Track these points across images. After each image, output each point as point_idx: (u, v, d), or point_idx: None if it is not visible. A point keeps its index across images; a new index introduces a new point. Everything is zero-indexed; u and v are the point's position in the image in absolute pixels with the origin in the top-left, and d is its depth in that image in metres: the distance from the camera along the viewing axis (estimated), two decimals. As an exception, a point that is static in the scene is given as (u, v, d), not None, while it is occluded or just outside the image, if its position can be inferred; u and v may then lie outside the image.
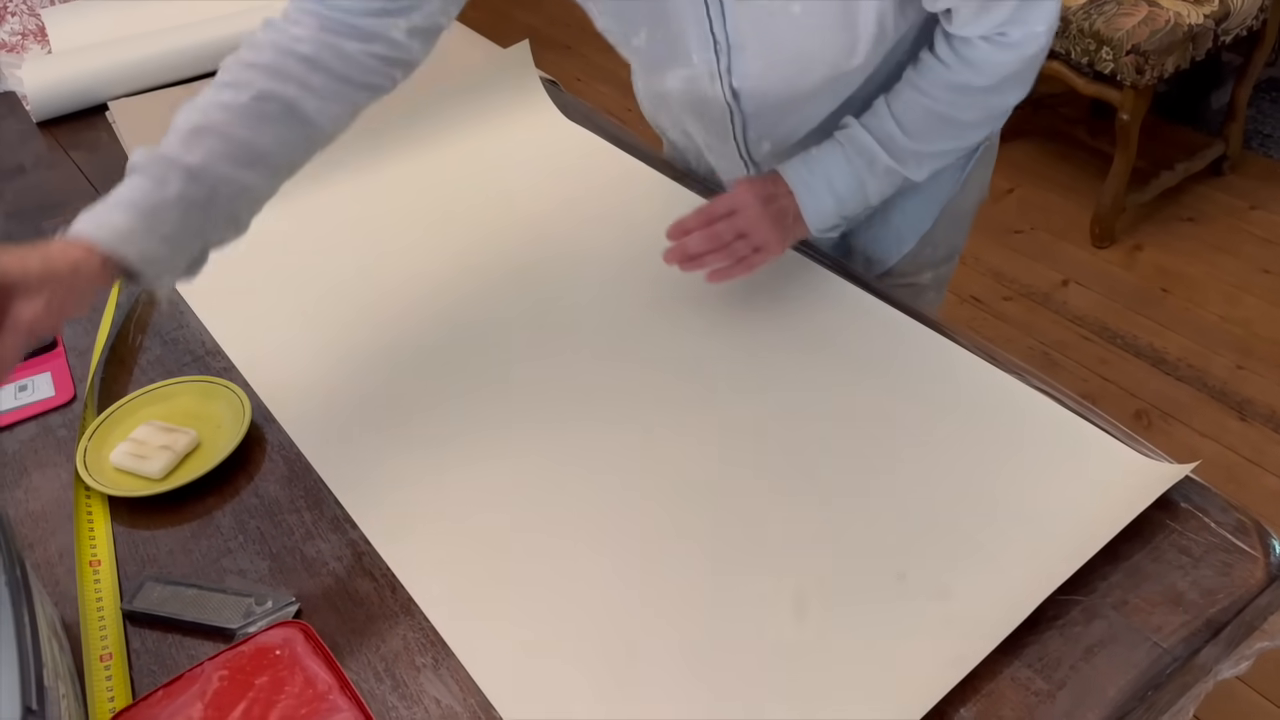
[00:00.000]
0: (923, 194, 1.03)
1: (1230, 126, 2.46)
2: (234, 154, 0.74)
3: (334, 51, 0.78)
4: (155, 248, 0.70)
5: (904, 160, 0.88)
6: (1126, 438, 0.77)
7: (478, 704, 0.65)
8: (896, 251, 1.06)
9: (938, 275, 1.10)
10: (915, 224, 1.04)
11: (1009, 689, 0.63)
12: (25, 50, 1.49)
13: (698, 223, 0.87)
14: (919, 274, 1.08)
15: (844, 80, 0.87)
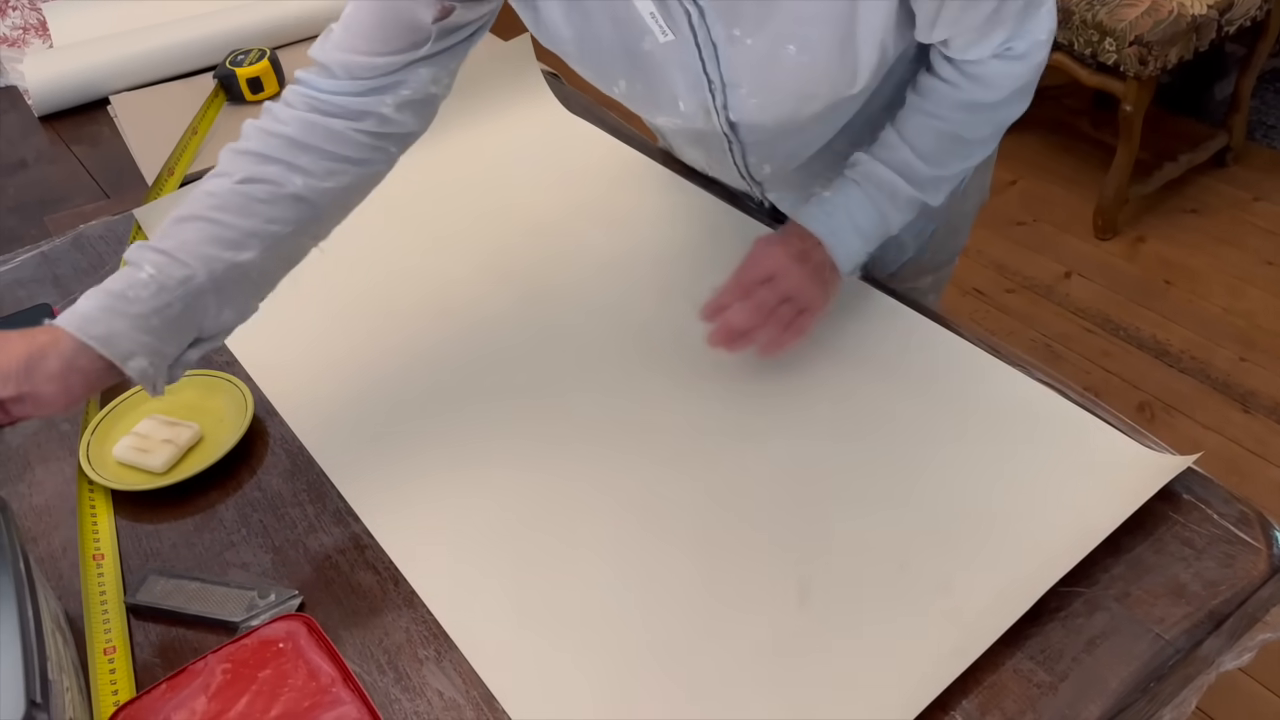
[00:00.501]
0: None
1: (1233, 118, 2.45)
2: (216, 235, 0.72)
3: (321, 130, 0.77)
4: (124, 329, 0.68)
5: (924, 187, 0.85)
6: (1129, 430, 0.77)
7: (480, 696, 0.65)
8: (897, 260, 1.05)
9: (937, 278, 1.10)
10: (916, 231, 1.04)
11: (1011, 681, 0.63)
12: (27, 45, 1.49)
13: (736, 295, 0.83)
14: (918, 279, 1.08)
15: (845, 106, 0.86)
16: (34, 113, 1.36)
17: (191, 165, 1.19)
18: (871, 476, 0.76)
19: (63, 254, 1.08)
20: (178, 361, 0.73)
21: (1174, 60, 2.11)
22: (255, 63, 1.30)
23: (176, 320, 0.70)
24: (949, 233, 1.06)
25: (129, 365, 0.68)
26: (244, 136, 0.78)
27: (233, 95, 1.32)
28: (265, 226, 0.74)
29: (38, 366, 0.66)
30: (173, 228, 0.73)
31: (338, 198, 0.79)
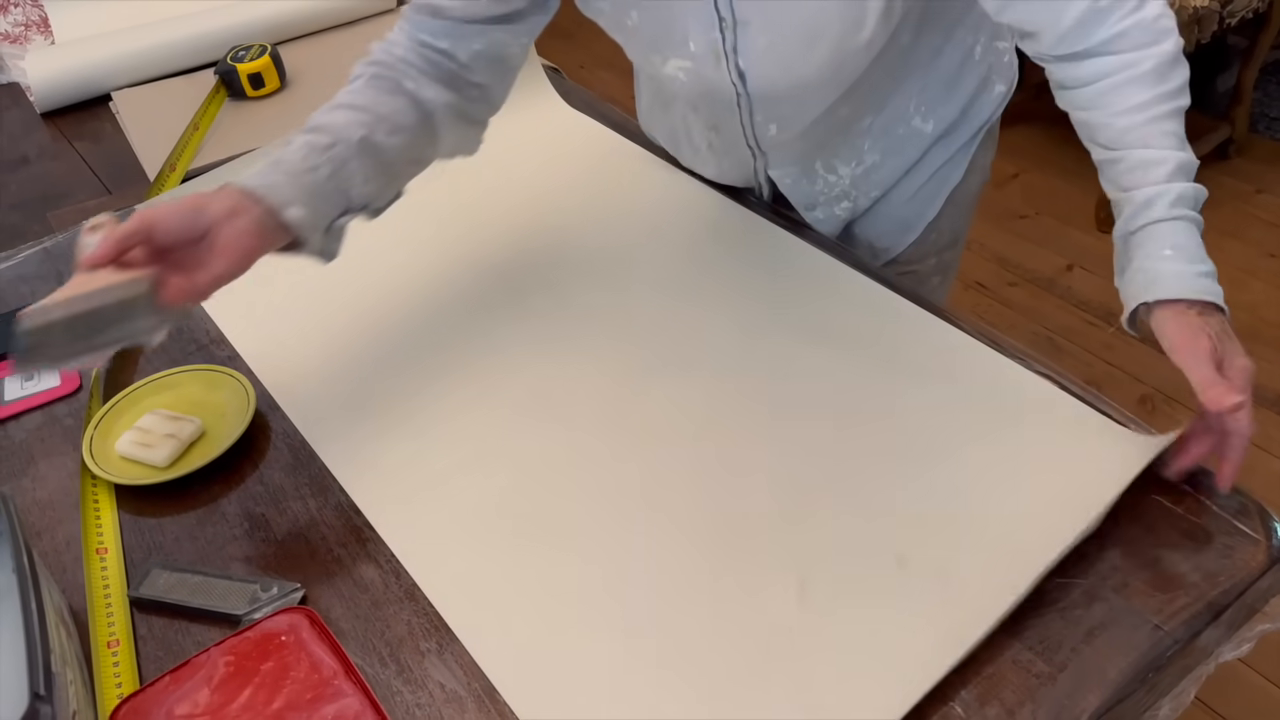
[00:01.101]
0: (929, 182, 1.03)
1: (1236, 110, 2.45)
2: (353, 118, 0.82)
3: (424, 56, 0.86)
4: (281, 180, 0.76)
5: (1191, 173, 0.77)
6: (1129, 422, 0.77)
7: (481, 688, 0.65)
8: (903, 240, 1.06)
9: (941, 261, 1.10)
10: (921, 212, 1.04)
11: (1010, 671, 0.63)
12: (28, 41, 1.49)
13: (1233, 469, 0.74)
14: (923, 261, 1.08)
15: (849, 62, 0.87)
16: (36, 109, 1.36)
17: (193, 161, 1.20)
18: (871, 469, 0.76)
19: (65, 250, 1.08)
20: (331, 228, 0.80)
21: (1176, 52, 2.11)
22: (256, 58, 1.31)
23: (325, 183, 0.78)
24: (953, 214, 1.06)
25: (288, 213, 0.75)
26: (368, 54, 0.88)
27: (234, 91, 1.32)
28: (393, 116, 0.83)
29: (202, 212, 0.72)
30: (316, 115, 0.83)
31: (444, 120, 0.86)
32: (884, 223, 1.06)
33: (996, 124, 1.05)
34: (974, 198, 1.08)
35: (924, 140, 1.00)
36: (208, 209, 0.72)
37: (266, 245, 0.76)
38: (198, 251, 0.72)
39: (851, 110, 0.93)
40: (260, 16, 1.43)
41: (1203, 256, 0.73)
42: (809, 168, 1.00)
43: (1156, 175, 0.75)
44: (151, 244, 0.70)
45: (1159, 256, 0.73)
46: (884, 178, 1.02)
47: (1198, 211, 0.75)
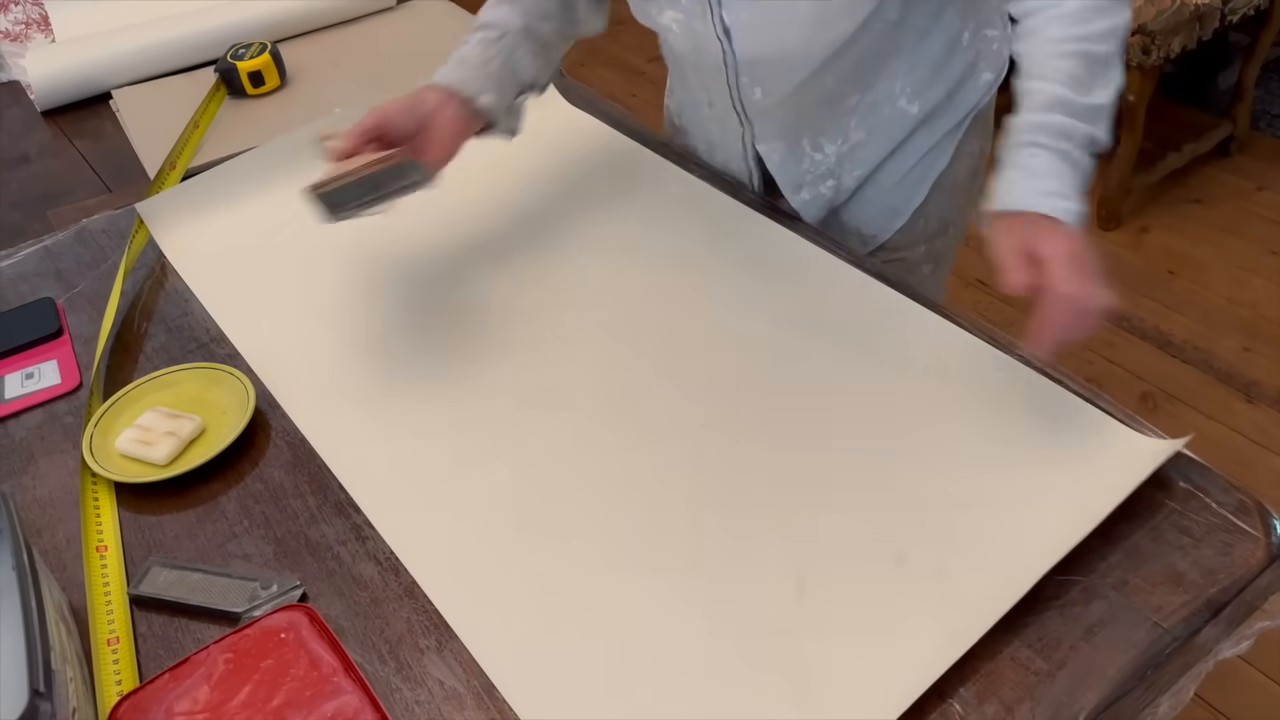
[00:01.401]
0: (915, 167, 1.04)
1: (1238, 107, 2.45)
2: (511, 9, 0.97)
3: None
4: (469, 75, 0.93)
5: (1093, 119, 0.79)
6: (1128, 420, 0.77)
7: (480, 686, 0.65)
8: (889, 226, 1.07)
9: (932, 249, 1.10)
10: (908, 198, 1.05)
11: (1009, 669, 0.63)
12: (29, 39, 1.49)
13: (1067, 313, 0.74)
14: (912, 248, 1.09)
15: (832, 24, 0.88)
16: (36, 107, 1.36)
17: (194, 159, 1.20)
18: (869, 465, 0.76)
19: (65, 248, 1.09)
20: (513, 107, 0.98)
21: (1177, 50, 2.11)
22: (256, 56, 1.31)
23: (502, 70, 0.95)
24: (940, 200, 1.06)
25: (480, 100, 0.92)
26: None
27: (234, 89, 1.32)
28: (541, 4, 0.98)
29: (419, 106, 0.90)
30: (482, 13, 0.99)
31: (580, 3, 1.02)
32: (870, 208, 1.06)
33: (988, 113, 1.06)
34: (964, 186, 1.08)
35: (909, 122, 1.01)
36: (424, 102, 0.90)
37: (469, 130, 0.93)
38: (416, 143, 0.89)
39: (837, 84, 0.95)
40: (260, 14, 1.43)
41: (1050, 176, 0.77)
42: (795, 144, 1.02)
43: (1032, 103, 0.79)
44: (384, 139, 0.87)
45: (1005, 179, 0.78)
46: (869, 156, 1.03)
47: (1077, 149, 0.78)
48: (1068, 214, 0.77)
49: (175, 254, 1.06)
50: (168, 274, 1.04)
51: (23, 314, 0.99)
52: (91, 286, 1.02)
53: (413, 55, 1.38)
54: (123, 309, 0.98)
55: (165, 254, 1.06)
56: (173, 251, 1.06)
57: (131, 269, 1.03)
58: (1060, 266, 0.74)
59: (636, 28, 1.01)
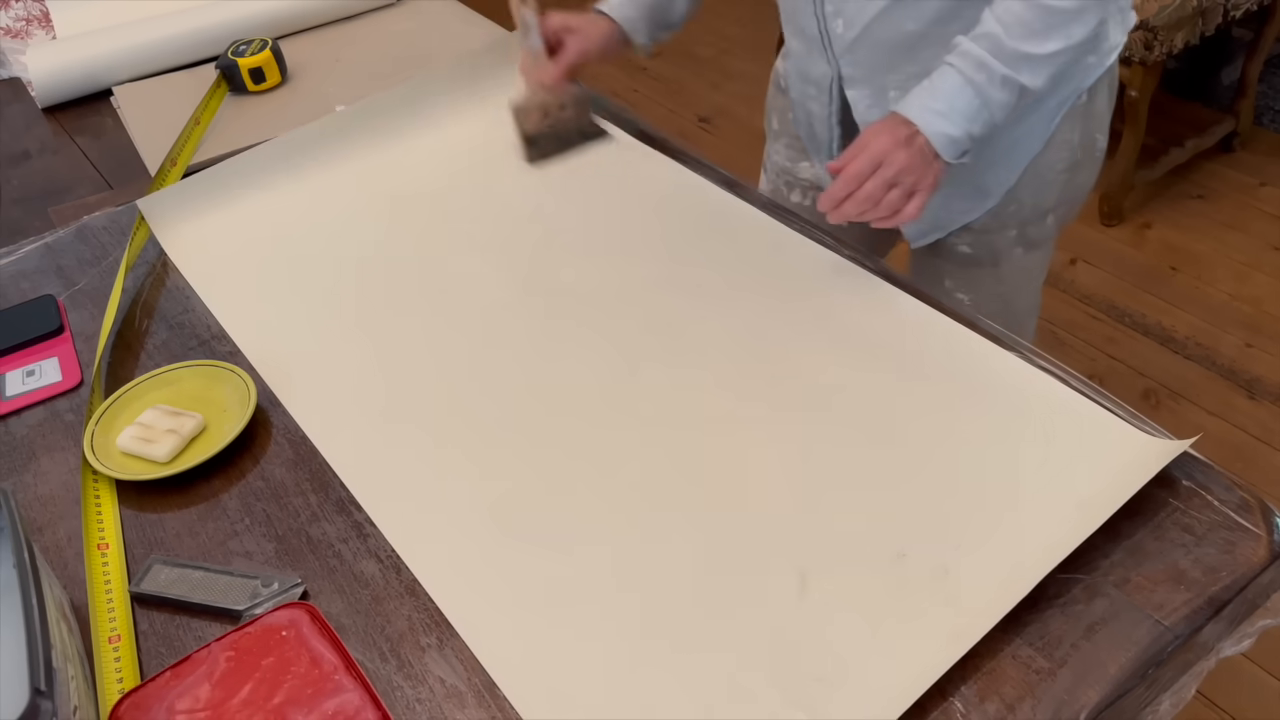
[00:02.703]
0: (1009, 149, 1.03)
1: (1240, 103, 2.44)
2: None
3: None
4: (630, 14, 1.11)
5: (1016, 65, 0.86)
6: (1130, 417, 0.77)
7: (481, 683, 0.65)
8: (980, 206, 1.07)
9: (1024, 235, 1.09)
10: (1001, 179, 1.05)
11: (1010, 667, 0.63)
12: (30, 36, 1.49)
13: (847, 188, 0.88)
14: (1002, 231, 1.09)
15: None
16: (37, 104, 1.36)
17: (194, 156, 1.19)
18: (871, 463, 0.76)
19: (66, 245, 1.08)
20: (649, 45, 1.14)
21: (1180, 45, 2.10)
22: (257, 53, 1.30)
23: (655, 11, 1.11)
24: (1035, 186, 1.06)
25: (636, 39, 1.12)
26: None
27: (235, 86, 1.32)
28: None
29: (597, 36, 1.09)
30: None
31: None
32: (964, 189, 1.05)
33: (1092, 106, 1.04)
34: (1063, 175, 1.06)
35: None
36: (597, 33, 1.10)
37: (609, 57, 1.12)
38: None
39: (918, 24, 0.95)
40: (261, 11, 1.43)
41: (947, 96, 0.88)
42: (881, 91, 1.02)
43: (974, 31, 0.88)
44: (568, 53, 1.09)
45: (915, 88, 0.90)
46: None
47: (992, 85, 0.87)
48: (937, 133, 0.87)
49: (176, 251, 1.05)
50: (169, 271, 1.04)
51: (24, 311, 0.99)
52: (92, 284, 1.02)
53: (414, 52, 1.38)
54: (124, 306, 0.98)
55: (166, 251, 1.06)
56: (174, 249, 1.06)
57: (132, 266, 1.03)
58: (866, 157, 0.87)
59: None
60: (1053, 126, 1.03)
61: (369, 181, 1.14)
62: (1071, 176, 1.08)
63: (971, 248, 1.10)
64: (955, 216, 1.08)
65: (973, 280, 1.12)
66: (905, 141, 0.87)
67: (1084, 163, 1.08)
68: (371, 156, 1.17)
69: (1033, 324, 1.21)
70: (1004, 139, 1.00)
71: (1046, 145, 1.03)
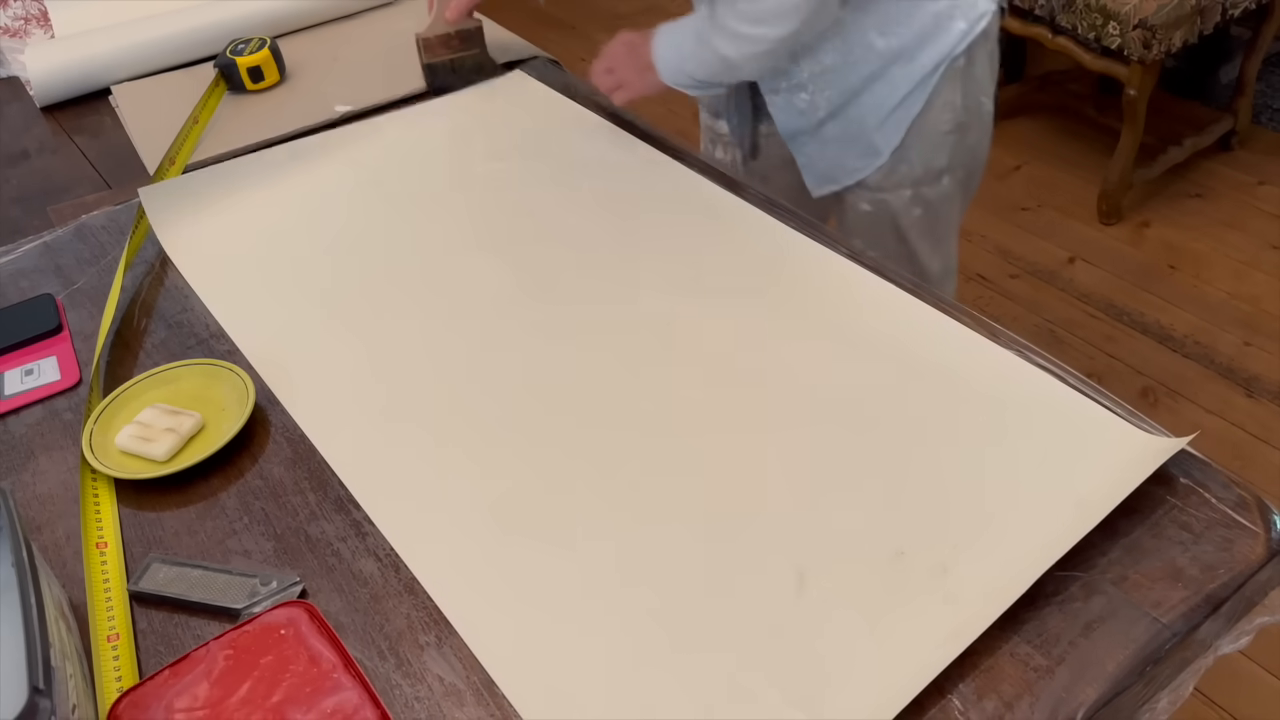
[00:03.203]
0: (894, 109, 1.13)
1: (1239, 101, 2.44)
2: None
3: None
4: None
5: (724, 37, 1.05)
6: (1127, 415, 0.77)
7: (480, 681, 0.65)
8: (871, 163, 1.17)
9: (920, 195, 1.18)
10: (888, 138, 1.14)
11: (1008, 665, 0.63)
12: (28, 35, 1.49)
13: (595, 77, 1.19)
14: (897, 190, 1.18)
15: None
16: (36, 103, 1.36)
17: (193, 154, 1.20)
18: (868, 461, 0.76)
19: (65, 244, 1.08)
20: None
21: (1178, 44, 2.10)
22: (256, 51, 1.30)
23: None
24: (922, 146, 1.15)
25: None
26: None
27: (233, 84, 1.32)
28: None
29: None
30: None
31: None
32: (852, 144, 1.16)
33: (971, 69, 1.13)
34: (948, 137, 1.15)
35: (879, 57, 1.10)
36: None
37: None
38: None
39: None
40: (259, 10, 1.43)
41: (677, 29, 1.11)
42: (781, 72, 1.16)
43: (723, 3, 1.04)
44: None
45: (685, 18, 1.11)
46: (839, 82, 1.12)
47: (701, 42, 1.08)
48: (659, 55, 1.11)
49: (175, 250, 1.05)
50: (167, 270, 1.04)
51: (22, 310, 0.99)
52: (91, 283, 1.02)
53: (412, 51, 1.37)
54: (123, 305, 0.98)
55: (165, 250, 1.06)
56: (173, 248, 1.06)
57: (131, 265, 1.03)
58: (605, 50, 1.17)
59: (631, 21, 1.01)
60: (930, 87, 1.11)
61: (367, 181, 1.14)
62: (961, 138, 1.16)
63: (871, 205, 1.20)
64: (848, 172, 1.19)
65: (878, 240, 1.22)
66: (633, 45, 1.15)
67: (971, 125, 1.16)
68: (371, 156, 1.17)
69: (951, 286, 1.31)
70: (891, 98, 1.12)
71: (928, 106, 1.12)
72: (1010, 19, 2.35)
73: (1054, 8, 2.21)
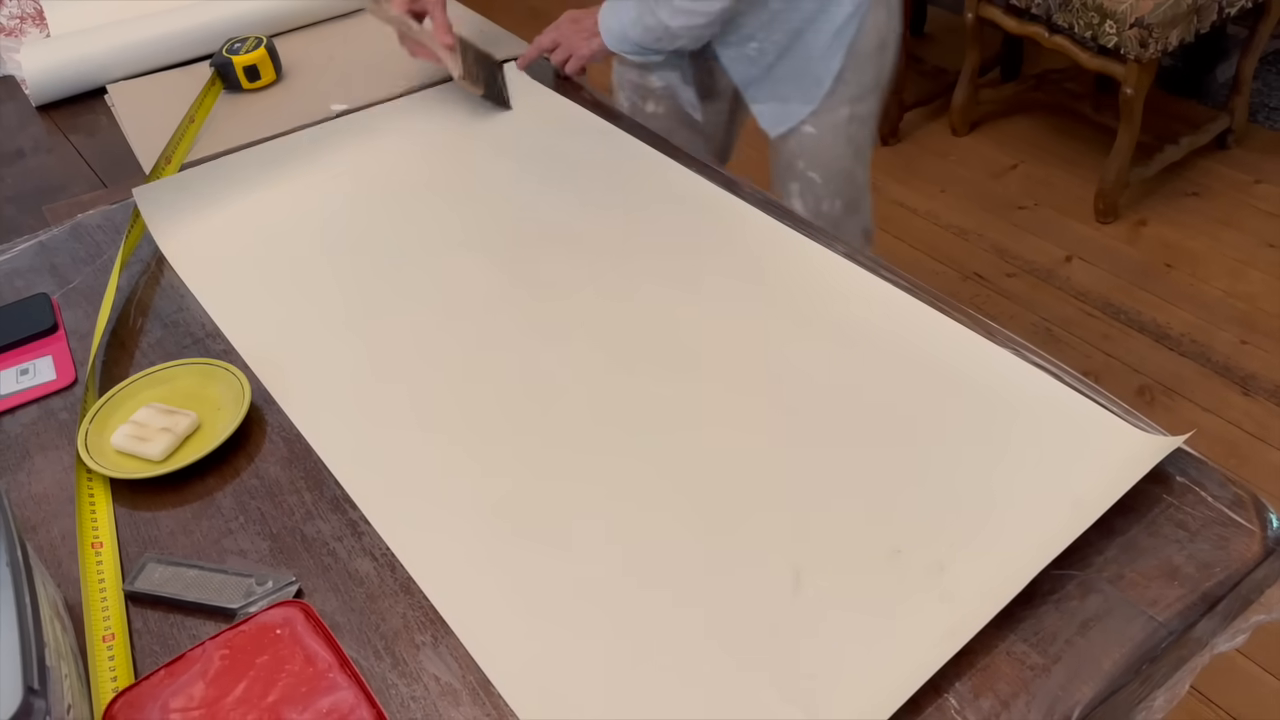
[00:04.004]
0: (832, 40, 1.25)
1: (1235, 100, 2.44)
2: None
3: None
4: None
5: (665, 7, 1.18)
6: (1123, 413, 0.77)
7: (476, 681, 0.65)
8: (818, 93, 1.28)
9: (855, 112, 1.31)
10: (830, 66, 1.26)
11: (1004, 663, 0.63)
12: (24, 34, 1.49)
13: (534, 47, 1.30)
14: (837, 109, 1.30)
15: None
16: (31, 102, 1.35)
17: (189, 154, 1.19)
18: (865, 460, 0.76)
19: (61, 243, 1.08)
20: None
21: (1175, 42, 2.11)
22: (252, 50, 1.30)
23: None
24: (856, 67, 1.28)
25: None
26: None
27: (229, 83, 1.31)
28: None
29: None
30: None
31: None
32: (802, 78, 1.28)
33: None
34: (874, 55, 1.28)
35: None
36: None
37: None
38: None
39: None
40: (256, 9, 1.42)
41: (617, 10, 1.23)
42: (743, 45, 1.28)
43: None
44: None
45: None
46: (784, 25, 1.24)
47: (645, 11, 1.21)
48: (603, 24, 1.24)
49: (171, 249, 1.05)
50: (163, 270, 1.03)
51: (18, 310, 0.98)
52: (87, 282, 1.02)
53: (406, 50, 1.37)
54: (118, 304, 0.98)
55: (161, 249, 1.05)
56: (169, 247, 1.06)
57: (127, 263, 1.03)
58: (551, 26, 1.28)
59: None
60: (863, 13, 1.24)
61: (364, 180, 1.14)
62: (881, 55, 1.29)
63: (815, 127, 1.31)
64: (801, 107, 1.30)
65: (819, 158, 1.33)
66: (575, 18, 1.27)
67: (889, 42, 1.29)
68: (366, 155, 1.17)
69: (869, 198, 1.42)
70: (830, 30, 1.24)
71: (860, 29, 1.25)
72: (1007, 18, 2.35)
73: (1050, 6, 2.21)
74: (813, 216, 1.35)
